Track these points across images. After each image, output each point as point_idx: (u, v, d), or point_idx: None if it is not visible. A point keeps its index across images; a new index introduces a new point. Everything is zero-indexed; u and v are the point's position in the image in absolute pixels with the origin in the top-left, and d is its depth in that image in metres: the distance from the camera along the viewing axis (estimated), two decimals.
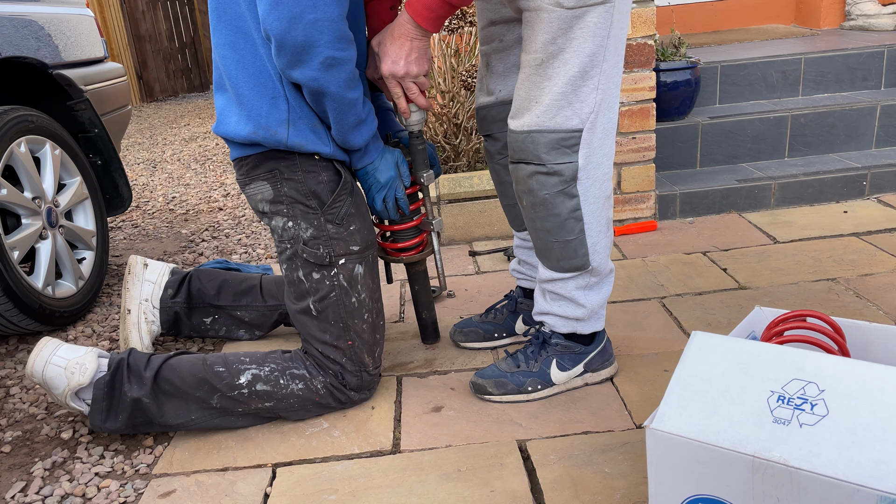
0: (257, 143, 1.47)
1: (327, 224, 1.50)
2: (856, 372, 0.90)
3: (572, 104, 1.34)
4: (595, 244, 1.46)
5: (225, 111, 1.49)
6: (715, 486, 0.92)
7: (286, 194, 1.49)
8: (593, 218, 1.44)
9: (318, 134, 1.46)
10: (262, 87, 1.42)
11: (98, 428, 1.49)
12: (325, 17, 1.30)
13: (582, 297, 1.51)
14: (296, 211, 1.50)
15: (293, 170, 1.48)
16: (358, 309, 1.54)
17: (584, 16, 1.28)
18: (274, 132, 1.43)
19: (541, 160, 1.37)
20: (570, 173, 1.38)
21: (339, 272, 1.51)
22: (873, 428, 0.84)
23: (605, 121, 1.39)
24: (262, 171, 1.50)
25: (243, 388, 1.50)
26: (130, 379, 1.49)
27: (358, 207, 1.54)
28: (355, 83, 1.40)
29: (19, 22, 2.20)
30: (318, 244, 1.50)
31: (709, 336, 1.02)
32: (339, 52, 1.34)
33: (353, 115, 1.44)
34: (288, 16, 1.29)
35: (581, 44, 1.30)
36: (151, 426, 1.51)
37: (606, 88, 1.36)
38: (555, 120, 1.35)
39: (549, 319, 1.56)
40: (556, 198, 1.40)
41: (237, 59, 1.42)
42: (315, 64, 1.33)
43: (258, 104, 1.43)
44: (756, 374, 0.95)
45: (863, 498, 0.80)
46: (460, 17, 2.58)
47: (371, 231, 1.57)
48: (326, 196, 1.49)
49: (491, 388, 1.56)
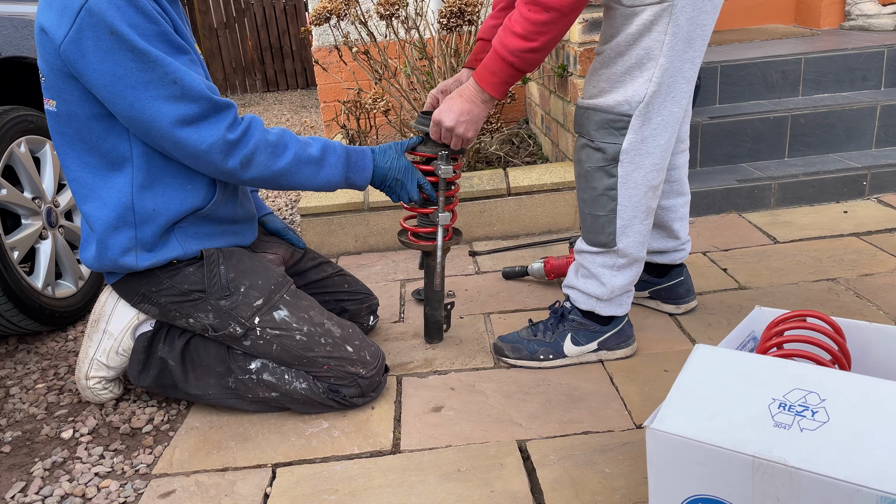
0: (114, 272, 1.53)
1: (219, 302, 1.51)
2: (857, 385, 0.90)
3: (625, 91, 1.44)
4: (625, 227, 1.54)
5: (84, 242, 1.55)
6: (715, 487, 0.92)
7: (168, 303, 1.54)
8: (630, 202, 1.52)
9: (165, 245, 1.49)
10: (108, 219, 1.45)
11: (134, 379, 1.60)
12: (212, 139, 1.36)
13: (606, 275, 1.59)
14: (186, 309, 1.53)
15: (157, 283, 1.52)
16: (309, 340, 1.52)
17: (641, 13, 1.39)
18: (122, 264, 1.48)
19: (590, 136, 1.51)
20: (613, 153, 1.48)
21: (262, 329, 1.52)
22: (874, 433, 0.84)
23: (665, 114, 1.46)
24: (133, 297, 1.56)
25: (252, 374, 1.54)
26: (166, 340, 1.58)
27: (236, 266, 1.54)
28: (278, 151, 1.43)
29: (19, 22, 2.20)
30: (225, 323, 1.52)
31: (711, 348, 1.03)
32: (237, 154, 1.39)
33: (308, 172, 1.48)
34: (186, 156, 1.38)
35: (637, 38, 1.41)
36: (176, 391, 1.59)
37: (663, 82, 1.42)
38: (607, 102, 1.46)
39: (573, 294, 1.67)
40: (596, 173, 1.52)
41: (86, 192, 1.46)
42: (237, 175, 1.41)
43: (105, 236, 1.46)
44: (758, 383, 0.95)
45: (863, 498, 0.80)
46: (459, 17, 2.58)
47: (266, 272, 1.56)
48: (201, 283, 1.51)
49: (507, 352, 1.70)
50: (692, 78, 1.46)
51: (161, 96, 1.32)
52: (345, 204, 2.54)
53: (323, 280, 1.83)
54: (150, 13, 1.31)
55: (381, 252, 2.59)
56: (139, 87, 1.31)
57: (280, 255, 1.76)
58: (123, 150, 1.42)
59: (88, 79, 1.32)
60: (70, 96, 1.37)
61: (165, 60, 1.31)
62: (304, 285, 1.79)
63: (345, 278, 1.87)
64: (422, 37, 2.85)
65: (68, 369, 1.91)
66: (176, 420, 1.62)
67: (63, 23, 1.29)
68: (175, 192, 1.46)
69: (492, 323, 1.93)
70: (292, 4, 8.30)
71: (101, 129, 1.40)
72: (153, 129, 1.35)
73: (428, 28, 3.07)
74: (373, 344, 1.59)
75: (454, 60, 2.79)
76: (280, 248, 1.77)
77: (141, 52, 1.29)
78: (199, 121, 1.35)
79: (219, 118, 1.37)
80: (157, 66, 1.31)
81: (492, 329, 1.90)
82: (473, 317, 1.98)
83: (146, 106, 1.32)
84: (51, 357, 2.00)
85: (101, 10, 1.26)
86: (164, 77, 1.31)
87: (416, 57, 2.98)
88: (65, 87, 1.37)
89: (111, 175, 1.43)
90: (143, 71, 1.30)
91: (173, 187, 1.46)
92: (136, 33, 1.28)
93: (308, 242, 2.59)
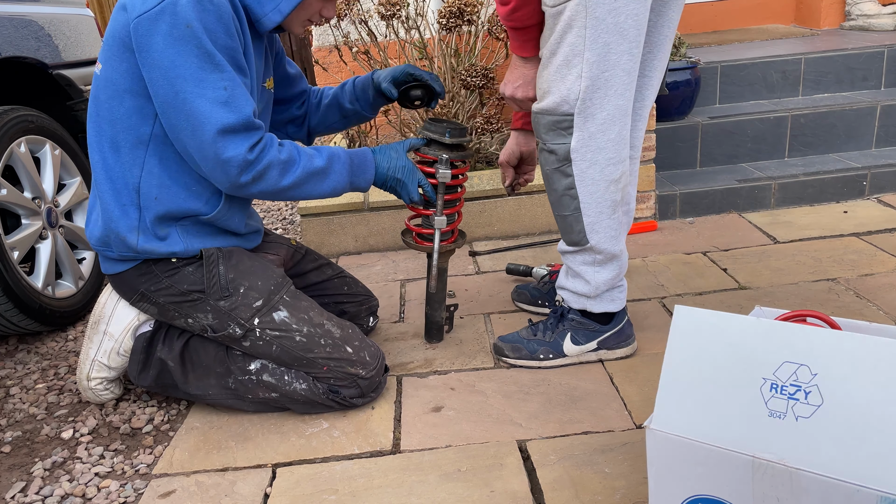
0: (120, 259, 1.53)
1: (219, 303, 1.51)
2: (847, 348, 0.87)
3: (560, 91, 1.46)
4: (594, 224, 1.55)
5: (91, 207, 1.56)
6: (715, 487, 0.92)
7: (167, 303, 1.54)
8: (591, 198, 1.53)
9: (167, 237, 1.50)
10: (117, 194, 1.47)
11: (134, 379, 1.60)
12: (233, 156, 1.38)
13: (589, 273, 1.61)
14: (185, 309, 1.54)
15: (157, 282, 1.53)
16: (308, 341, 1.52)
17: (563, 12, 1.41)
18: (123, 237, 1.48)
19: (542, 139, 1.53)
20: (563, 153, 1.50)
21: (262, 330, 1.52)
22: (869, 415, 0.83)
23: (610, 108, 1.45)
24: (132, 296, 1.57)
25: (252, 375, 1.54)
26: (165, 340, 1.58)
27: (235, 266, 1.54)
28: (288, 168, 1.45)
29: (19, 22, 2.20)
30: (224, 324, 1.52)
31: (693, 312, 0.99)
32: (250, 171, 1.41)
33: (314, 183, 1.49)
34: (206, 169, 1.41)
35: (562, 36, 1.42)
36: (177, 390, 1.59)
37: (595, 76, 1.42)
38: (549, 104, 1.48)
39: (564, 294, 1.69)
40: (554, 174, 1.54)
41: (101, 162, 1.48)
42: (245, 188, 1.43)
43: (112, 208, 1.48)
44: (746, 357, 0.93)
45: (863, 498, 0.80)
46: (458, 17, 2.58)
47: (266, 273, 1.57)
48: (200, 283, 1.51)
49: (508, 351, 1.70)
50: (633, 70, 1.44)
51: (207, 97, 1.35)
52: (345, 204, 2.54)
53: (323, 282, 1.83)
54: (230, 27, 1.36)
55: (381, 252, 2.59)
56: (191, 81, 1.34)
57: (280, 256, 1.75)
58: (143, 133, 1.44)
59: (147, 56, 1.35)
60: (118, 64, 1.40)
61: (227, 69, 1.36)
62: (303, 287, 1.79)
63: (344, 280, 1.87)
64: (422, 37, 2.85)
65: (68, 369, 1.91)
66: (176, 420, 1.62)
67: (148, 1, 1.34)
68: (179, 189, 1.47)
69: (492, 323, 1.93)
70: None
71: (131, 105, 1.42)
72: (185, 123, 1.36)
73: (428, 28, 3.07)
74: (373, 344, 1.59)
75: (454, 60, 2.79)
76: (280, 248, 1.77)
77: (207, 53, 1.34)
78: (230, 132, 1.37)
79: (248, 136, 1.39)
80: (217, 70, 1.35)
81: (492, 329, 1.90)
82: (473, 317, 1.98)
83: (189, 100, 1.34)
84: (51, 357, 2.00)
85: (188, 4, 1.32)
86: (219, 82, 1.35)
87: (417, 57, 2.98)
88: (118, 55, 1.39)
89: (127, 151, 1.45)
90: (201, 69, 1.34)
91: (179, 184, 1.47)
92: (209, 37, 1.34)
93: (308, 242, 2.59)
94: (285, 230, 3.06)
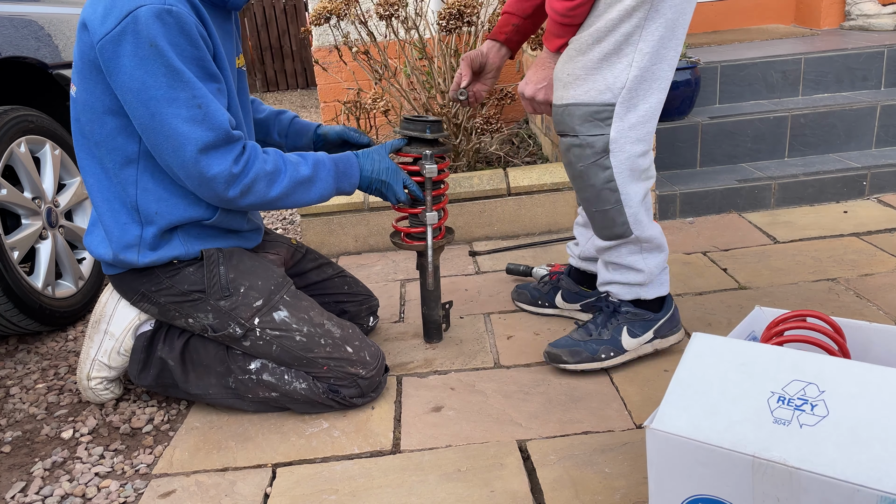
0: (114, 265, 1.54)
1: (219, 303, 1.51)
2: (856, 373, 0.90)
3: (605, 78, 1.42)
4: (636, 214, 1.53)
5: (91, 226, 1.56)
6: (715, 487, 0.92)
7: (168, 303, 1.54)
8: (631, 189, 1.51)
9: (168, 243, 1.50)
10: (115, 214, 1.47)
11: (134, 378, 1.61)
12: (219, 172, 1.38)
13: (639, 262, 1.59)
14: (186, 309, 1.54)
15: (157, 282, 1.53)
16: (309, 340, 1.53)
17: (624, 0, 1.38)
18: (123, 258, 1.49)
19: (575, 132, 1.48)
20: (602, 145, 1.47)
21: (262, 330, 1.52)
22: (873, 427, 0.84)
23: (653, 100, 1.46)
24: (133, 296, 1.57)
25: (252, 375, 1.54)
26: (165, 340, 1.59)
27: (236, 266, 1.54)
28: (274, 178, 1.45)
29: (19, 22, 2.20)
30: (224, 323, 1.52)
31: (709, 338, 1.03)
32: (237, 185, 1.41)
33: (301, 192, 1.49)
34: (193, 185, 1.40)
35: (616, 23, 1.39)
36: (177, 390, 1.59)
37: (644, 67, 1.41)
38: (588, 94, 1.44)
39: (613, 288, 1.64)
40: (590, 169, 1.50)
41: (96, 185, 1.48)
42: (234, 202, 1.43)
43: (112, 229, 1.48)
44: (756, 375, 0.95)
45: (863, 498, 0.80)
46: (458, 18, 2.58)
47: (266, 273, 1.57)
48: (201, 283, 1.51)
49: (566, 357, 1.62)
50: (675, 67, 1.46)
51: (182, 116, 1.33)
52: (344, 204, 2.54)
53: (323, 282, 1.83)
54: (193, 36, 1.33)
55: (381, 252, 2.59)
56: (164, 102, 1.32)
57: (281, 256, 1.76)
58: (131, 152, 1.43)
59: (117, 80, 1.34)
60: (93, 87, 1.39)
61: (196, 84, 1.34)
62: (303, 287, 1.79)
63: (345, 280, 1.87)
64: (421, 37, 2.85)
65: (68, 369, 1.91)
66: (176, 420, 1.62)
67: (107, 21, 1.31)
68: (178, 200, 1.47)
69: (492, 323, 1.93)
70: (292, 4, 8.30)
71: (114, 126, 1.41)
72: (165, 144, 1.36)
73: (428, 28, 3.07)
74: (373, 344, 1.59)
75: (454, 60, 2.79)
76: (281, 248, 1.78)
77: (174, 70, 1.31)
78: (211, 149, 1.37)
79: (229, 149, 1.39)
80: (187, 87, 1.33)
81: (492, 329, 1.90)
82: (473, 317, 1.98)
83: (165, 121, 1.33)
84: (51, 357, 2.00)
85: (148, 21, 1.29)
86: (191, 100, 1.34)
87: (416, 57, 2.98)
88: (90, 77, 1.39)
89: (117, 172, 1.45)
90: (171, 88, 1.32)
91: (177, 195, 1.46)
92: (174, 52, 1.31)
93: (308, 242, 2.59)
94: (285, 230, 3.06)
